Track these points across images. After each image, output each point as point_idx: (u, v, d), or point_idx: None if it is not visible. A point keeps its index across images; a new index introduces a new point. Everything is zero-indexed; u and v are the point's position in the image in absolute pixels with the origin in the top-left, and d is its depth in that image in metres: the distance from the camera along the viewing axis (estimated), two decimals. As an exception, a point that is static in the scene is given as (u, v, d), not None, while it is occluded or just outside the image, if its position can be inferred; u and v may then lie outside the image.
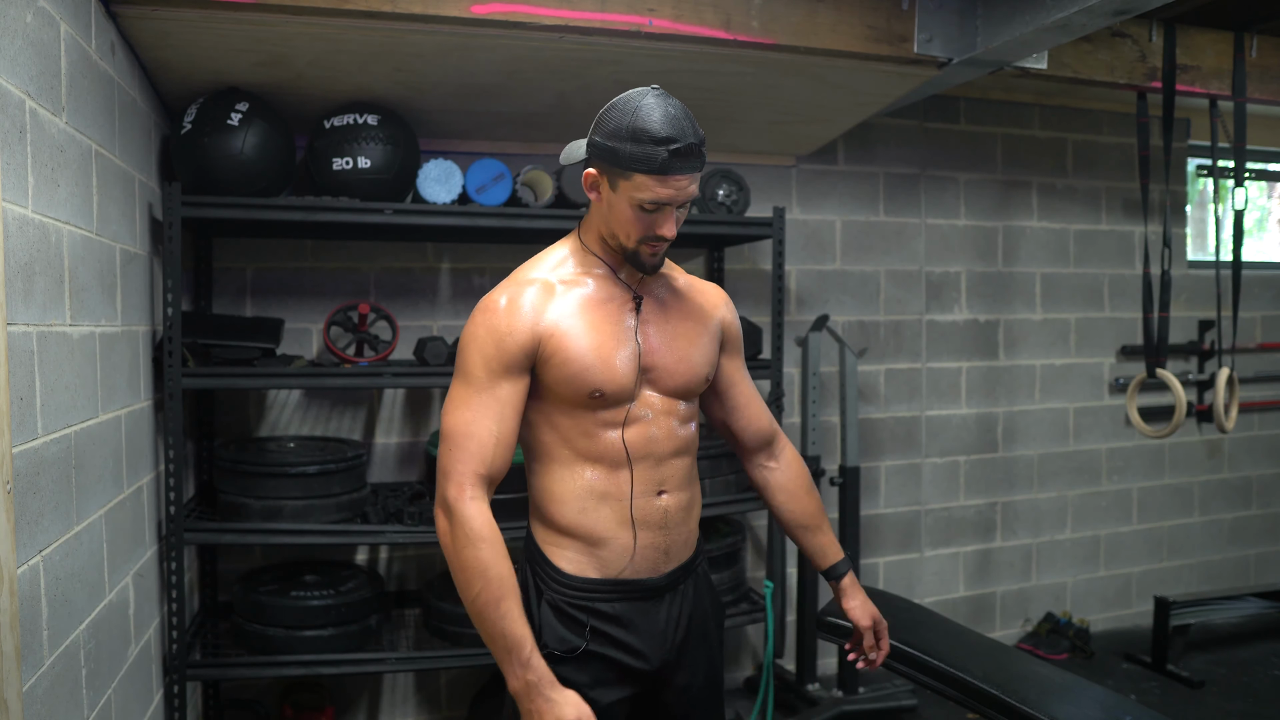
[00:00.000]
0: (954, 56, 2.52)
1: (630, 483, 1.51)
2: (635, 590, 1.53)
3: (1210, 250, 4.19)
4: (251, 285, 2.93)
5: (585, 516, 1.51)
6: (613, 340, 1.48)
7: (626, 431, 1.50)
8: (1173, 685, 3.45)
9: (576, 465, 1.52)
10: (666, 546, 1.55)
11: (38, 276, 1.52)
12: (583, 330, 1.47)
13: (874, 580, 3.65)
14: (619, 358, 1.48)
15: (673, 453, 1.55)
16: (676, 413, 1.56)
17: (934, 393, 3.73)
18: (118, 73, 2.06)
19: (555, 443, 1.53)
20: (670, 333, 1.55)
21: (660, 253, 1.48)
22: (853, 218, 3.60)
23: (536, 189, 2.76)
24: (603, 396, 1.47)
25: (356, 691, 3.04)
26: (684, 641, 1.58)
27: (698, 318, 1.60)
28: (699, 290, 1.64)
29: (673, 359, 1.54)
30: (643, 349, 1.51)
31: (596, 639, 1.51)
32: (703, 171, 1.50)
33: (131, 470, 2.12)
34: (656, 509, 1.53)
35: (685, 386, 1.56)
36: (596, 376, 1.46)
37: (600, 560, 1.52)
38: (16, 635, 1.33)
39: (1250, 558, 4.35)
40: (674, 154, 1.36)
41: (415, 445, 3.08)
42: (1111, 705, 1.75)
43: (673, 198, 1.39)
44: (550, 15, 2.18)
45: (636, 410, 1.51)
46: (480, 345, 1.46)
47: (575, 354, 1.46)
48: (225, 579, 2.90)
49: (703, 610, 1.63)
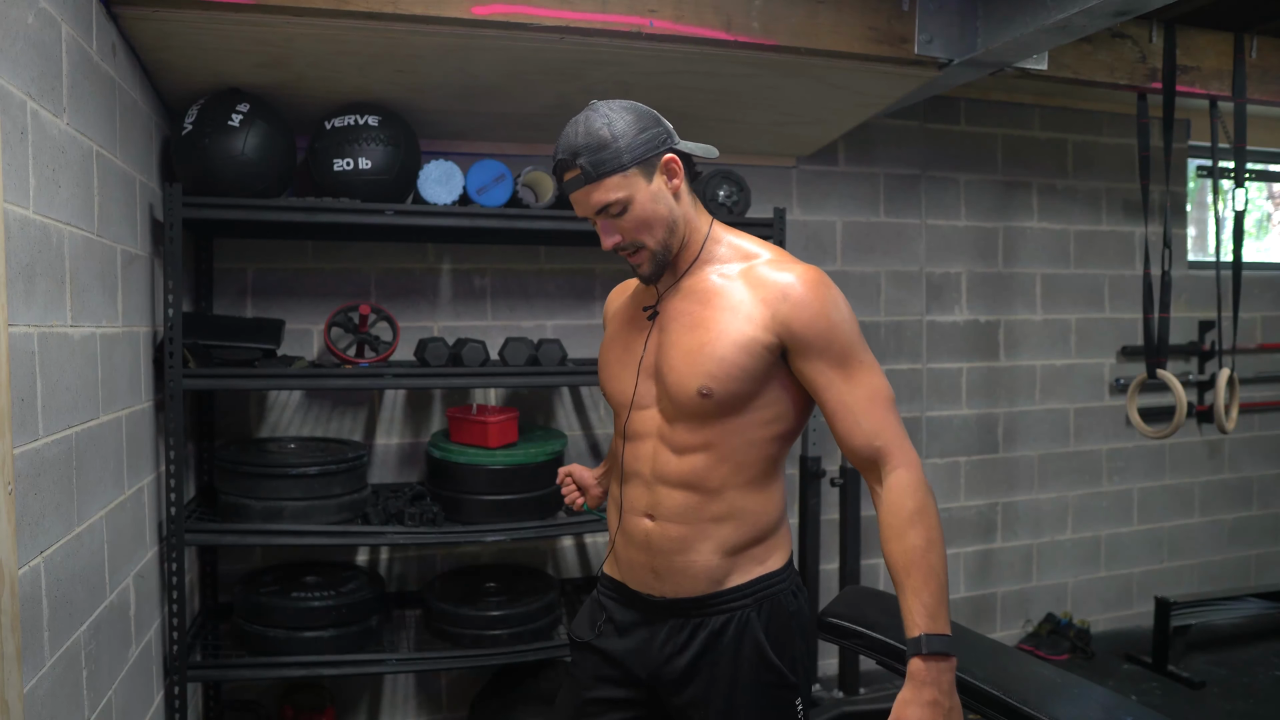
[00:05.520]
0: (954, 57, 2.52)
1: (620, 498, 1.54)
2: (635, 600, 1.53)
3: (1210, 251, 4.20)
4: (252, 286, 2.93)
5: (609, 514, 1.61)
6: (621, 345, 1.56)
7: (627, 446, 1.52)
8: (1173, 686, 3.45)
9: (614, 464, 1.61)
10: (654, 567, 1.47)
11: (39, 277, 1.52)
12: (611, 334, 1.61)
13: (874, 581, 3.65)
14: (624, 362, 1.54)
15: (662, 480, 1.45)
16: (673, 440, 1.44)
17: (934, 393, 3.73)
18: (119, 74, 2.06)
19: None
20: (683, 341, 1.43)
21: (639, 260, 1.44)
22: (853, 218, 3.60)
23: (537, 190, 2.76)
24: (610, 399, 1.57)
25: (357, 692, 3.04)
26: (684, 675, 1.46)
27: (729, 316, 1.39)
28: (758, 282, 1.40)
29: (673, 370, 1.42)
30: (645, 359, 1.50)
31: (603, 637, 1.56)
32: (597, 179, 1.36)
33: (132, 471, 2.12)
34: (639, 529, 1.49)
35: (680, 400, 1.41)
36: (604, 380, 1.58)
37: (614, 558, 1.58)
38: (17, 636, 1.33)
39: (1251, 558, 4.35)
40: (557, 168, 1.41)
41: (416, 446, 3.08)
42: (1112, 706, 1.75)
43: (584, 214, 1.42)
44: (551, 16, 2.18)
45: (635, 425, 1.50)
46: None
47: (603, 355, 1.61)
48: (226, 580, 2.90)
49: (728, 672, 1.44)
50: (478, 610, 2.68)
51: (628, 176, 1.37)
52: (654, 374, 1.48)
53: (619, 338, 1.58)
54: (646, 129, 1.39)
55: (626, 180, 1.37)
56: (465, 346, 2.64)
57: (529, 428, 3.01)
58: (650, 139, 1.39)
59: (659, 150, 1.40)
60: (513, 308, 3.16)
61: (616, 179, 1.37)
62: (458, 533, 2.60)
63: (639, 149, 1.37)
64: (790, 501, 2.98)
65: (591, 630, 1.58)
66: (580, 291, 3.18)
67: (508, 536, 2.63)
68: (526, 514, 2.67)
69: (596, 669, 1.55)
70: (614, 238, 1.41)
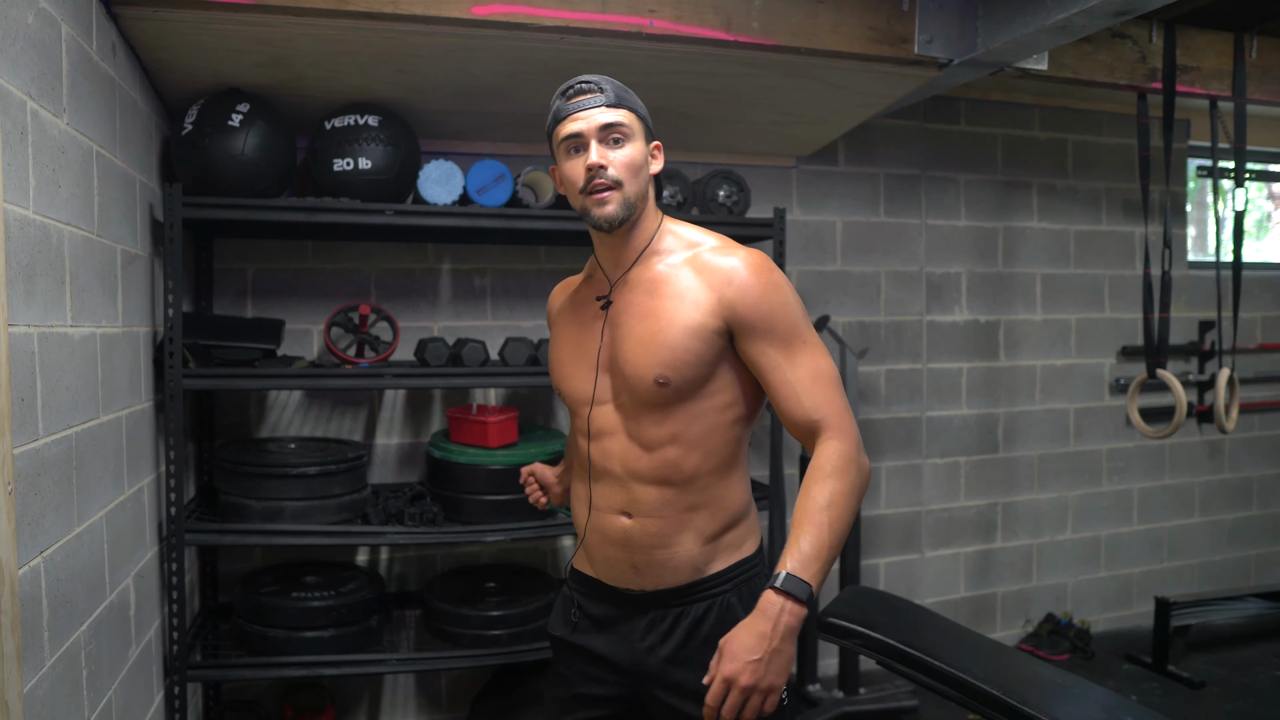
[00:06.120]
0: (954, 57, 2.52)
1: (589, 495, 1.52)
2: (612, 595, 1.53)
3: (1210, 251, 4.20)
4: (252, 286, 2.93)
5: (574, 512, 1.60)
6: (572, 343, 1.56)
7: (592, 444, 1.51)
8: (1173, 686, 3.45)
9: (577, 461, 1.58)
10: (634, 563, 1.47)
11: (39, 277, 1.52)
12: (559, 332, 1.60)
13: (875, 581, 3.65)
14: (576, 360, 1.54)
15: (636, 477, 1.45)
16: (640, 435, 1.44)
17: (934, 393, 3.73)
18: (119, 74, 2.06)
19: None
20: (636, 332, 1.43)
21: (608, 198, 1.40)
22: (853, 218, 3.60)
23: (537, 190, 2.76)
24: (567, 398, 1.57)
25: (357, 692, 3.04)
26: (668, 663, 1.46)
27: (677, 304, 1.40)
28: (704, 268, 1.41)
29: (628, 362, 1.43)
30: (602, 353, 1.50)
31: (580, 633, 1.57)
32: (616, 105, 1.41)
33: (132, 471, 2.12)
34: (616, 528, 1.48)
35: (638, 391, 1.42)
36: (558, 379, 1.58)
37: (586, 554, 1.57)
38: (17, 636, 1.33)
39: (1251, 558, 4.35)
40: (569, 92, 1.44)
41: (416, 446, 3.08)
42: (1112, 706, 1.75)
43: (584, 129, 1.41)
44: (551, 16, 2.18)
45: (597, 422, 1.50)
46: None
47: (553, 354, 1.60)
48: (226, 580, 2.90)
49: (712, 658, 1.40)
50: (478, 610, 2.68)
51: (637, 121, 1.45)
52: (609, 367, 1.48)
53: (568, 335, 1.58)
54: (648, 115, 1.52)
55: (635, 123, 1.45)
56: (465, 346, 2.64)
57: (529, 428, 3.01)
58: (649, 121, 1.50)
59: (654, 134, 1.51)
60: (513, 308, 3.15)
61: (631, 115, 1.44)
62: (458, 533, 2.60)
63: (646, 118, 1.49)
64: (790, 501, 2.98)
65: (567, 626, 1.59)
66: (580, 291, 3.17)
67: (508, 536, 2.63)
68: (526, 514, 2.67)
69: (578, 665, 1.56)
70: (604, 160, 1.40)
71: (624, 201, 1.42)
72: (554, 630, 1.63)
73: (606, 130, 1.41)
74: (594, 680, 1.55)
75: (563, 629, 1.60)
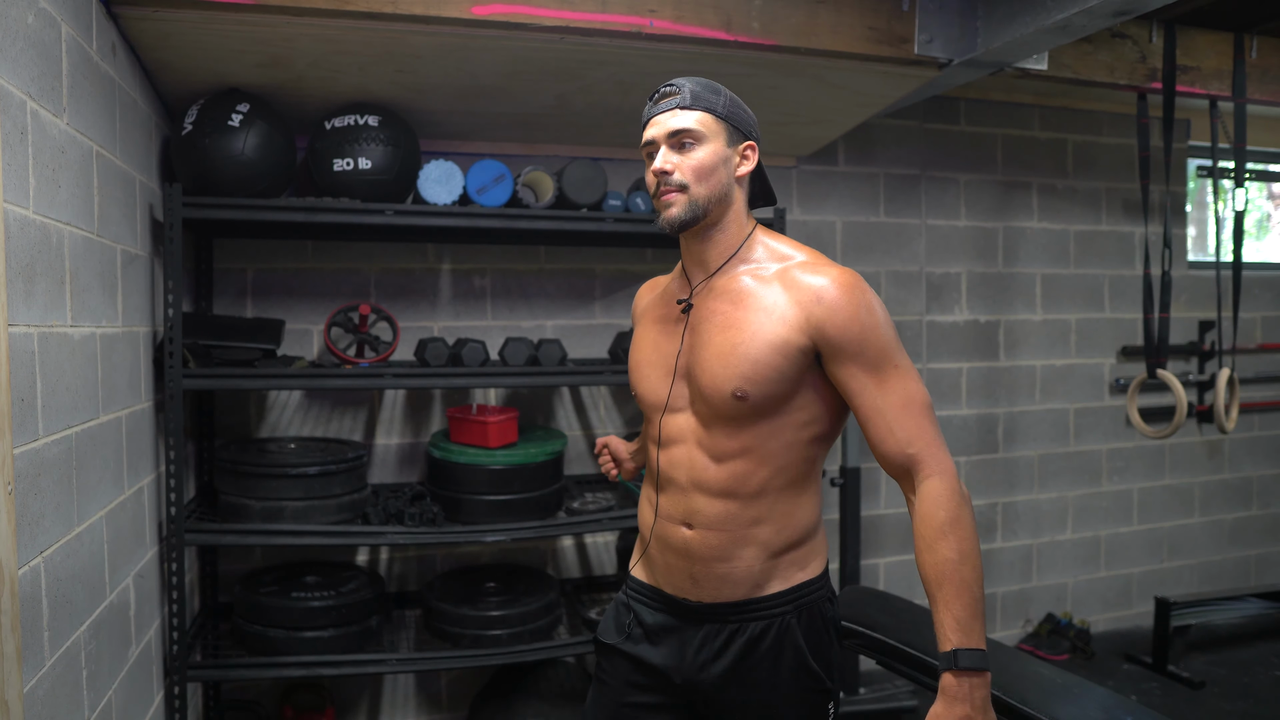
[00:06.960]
0: (954, 57, 2.52)
1: (656, 503, 1.51)
2: (670, 604, 1.51)
3: (1210, 251, 4.20)
4: (252, 286, 2.93)
5: (640, 517, 1.59)
6: (651, 345, 1.54)
7: (661, 453, 1.50)
8: (1173, 686, 3.45)
9: (647, 467, 1.58)
10: (693, 574, 1.45)
11: (39, 277, 1.52)
12: (641, 333, 1.59)
13: (875, 581, 3.65)
14: (654, 362, 1.53)
15: (700, 488, 1.43)
16: (711, 446, 1.42)
17: (934, 393, 3.73)
18: (119, 74, 2.06)
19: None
20: (715, 341, 1.40)
21: (673, 199, 1.41)
22: (853, 218, 3.60)
23: (537, 190, 2.76)
24: (641, 402, 1.55)
25: (357, 692, 3.04)
26: (722, 680, 1.45)
27: (762, 317, 1.37)
28: (793, 283, 1.37)
29: (706, 371, 1.40)
30: (680, 358, 1.47)
31: (632, 641, 1.54)
32: (691, 106, 1.42)
33: (132, 471, 2.12)
34: (677, 536, 1.46)
35: (715, 402, 1.39)
36: (635, 381, 1.56)
37: (646, 561, 1.56)
38: (17, 636, 1.33)
39: (1251, 558, 4.35)
40: (655, 96, 1.46)
41: (416, 446, 3.08)
42: (1112, 706, 1.75)
43: (656, 135, 1.43)
44: (551, 16, 2.18)
45: (669, 430, 1.48)
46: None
47: (633, 354, 1.58)
48: (226, 580, 2.90)
49: (768, 677, 1.43)
50: (478, 610, 2.68)
51: (716, 123, 1.43)
52: (686, 375, 1.46)
53: (648, 337, 1.55)
54: (750, 115, 1.49)
55: (713, 124, 1.42)
56: (465, 346, 2.64)
57: (529, 428, 3.01)
58: (748, 121, 1.47)
59: (748, 135, 1.47)
60: (513, 308, 3.16)
61: (707, 118, 1.42)
62: (458, 533, 2.60)
63: (737, 117, 1.45)
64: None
65: (619, 634, 1.56)
66: (580, 292, 3.18)
67: (508, 536, 2.63)
68: (526, 514, 2.67)
69: (629, 675, 1.53)
70: (668, 165, 1.41)
71: (689, 204, 1.41)
72: (604, 637, 1.59)
73: (676, 135, 1.42)
74: (643, 689, 1.52)
75: (614, 636, 1.57)
